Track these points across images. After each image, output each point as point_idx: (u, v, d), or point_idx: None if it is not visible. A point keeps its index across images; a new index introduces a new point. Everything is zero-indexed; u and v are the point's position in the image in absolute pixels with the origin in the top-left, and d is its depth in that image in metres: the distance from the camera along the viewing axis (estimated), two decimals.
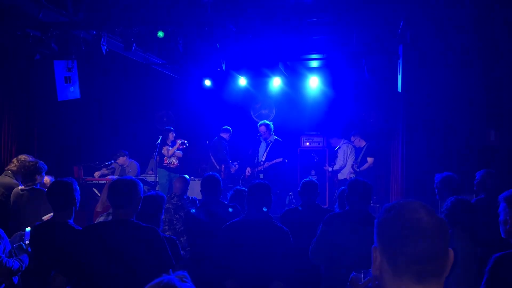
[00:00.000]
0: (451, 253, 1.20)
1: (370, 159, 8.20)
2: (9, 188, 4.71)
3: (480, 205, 4.17)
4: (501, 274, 2.18)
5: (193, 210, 4.25)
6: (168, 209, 4.81)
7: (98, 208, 4.77)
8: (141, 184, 2.78)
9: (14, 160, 4.96)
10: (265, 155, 8.38)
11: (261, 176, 8.26)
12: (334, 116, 9.91)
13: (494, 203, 4.13)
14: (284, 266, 3.30)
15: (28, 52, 6.62)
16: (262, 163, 8.36)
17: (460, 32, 6.04)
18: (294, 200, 8.88)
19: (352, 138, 8.56)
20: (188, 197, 5.29)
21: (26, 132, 8.06)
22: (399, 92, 6.38)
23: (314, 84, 9.55)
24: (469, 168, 5.64)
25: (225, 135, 8.94)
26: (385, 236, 1.22)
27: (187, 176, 5.61)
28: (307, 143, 9.83)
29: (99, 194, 6.63)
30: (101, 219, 4.14)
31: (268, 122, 8.60)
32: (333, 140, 8.95)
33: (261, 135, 8.48)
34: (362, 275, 2.18)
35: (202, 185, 4.26)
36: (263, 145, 8.50)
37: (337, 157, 8.75)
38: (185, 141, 8.80)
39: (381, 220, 1.25)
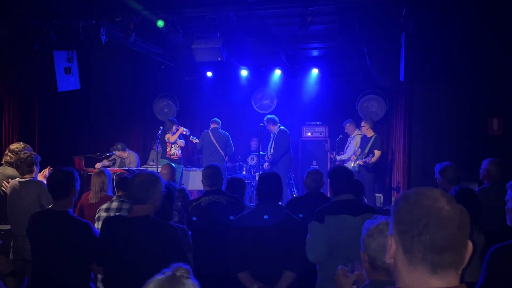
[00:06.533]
0: (470, 244, 1.16)
1: (377, 152, 7.93)
2: (13, 179, 4.64)
3: (484, 193, 4.14)
4: (500, 266, 2.15)
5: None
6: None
7: (92, 199, 4.70)
8: (162, 179, 2.74)
9: (8, 152, 4.87)
10: (272, 148, 8.36)
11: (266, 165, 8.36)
12: (335, 106, 9.86)
13: (499, 192, 4.12)
14: (296, 255, 3.24)
15: (28, 41, 6.57)
16: (269, 156, 8.33)
17: (462, 20, 5.98)
18: (295, 190, 8.86)
19: (363, 124, 8.25)
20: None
21: (27, 123, 8.05)
22: (401, 80, 6.34)
23: (315, 73, 9.48)
24: (472, 157, 5.61)
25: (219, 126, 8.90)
26: (403, 224, 1.17)
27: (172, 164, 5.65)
28: (309, 133, 9.79)
29: None
30: (104, 206, 4.15)
31: (269, 116, 8.57)
32: (350, 126, 8.61)
33: (269, 131, 8.50)
34: (348, 267, 2.12)
35: (204, 175, 4.22)
36: (271, 138, 8.49)
37: (348, 146, 8.59)
38: (187, 130, 8.83)
39: (399, 207, 1.21)
